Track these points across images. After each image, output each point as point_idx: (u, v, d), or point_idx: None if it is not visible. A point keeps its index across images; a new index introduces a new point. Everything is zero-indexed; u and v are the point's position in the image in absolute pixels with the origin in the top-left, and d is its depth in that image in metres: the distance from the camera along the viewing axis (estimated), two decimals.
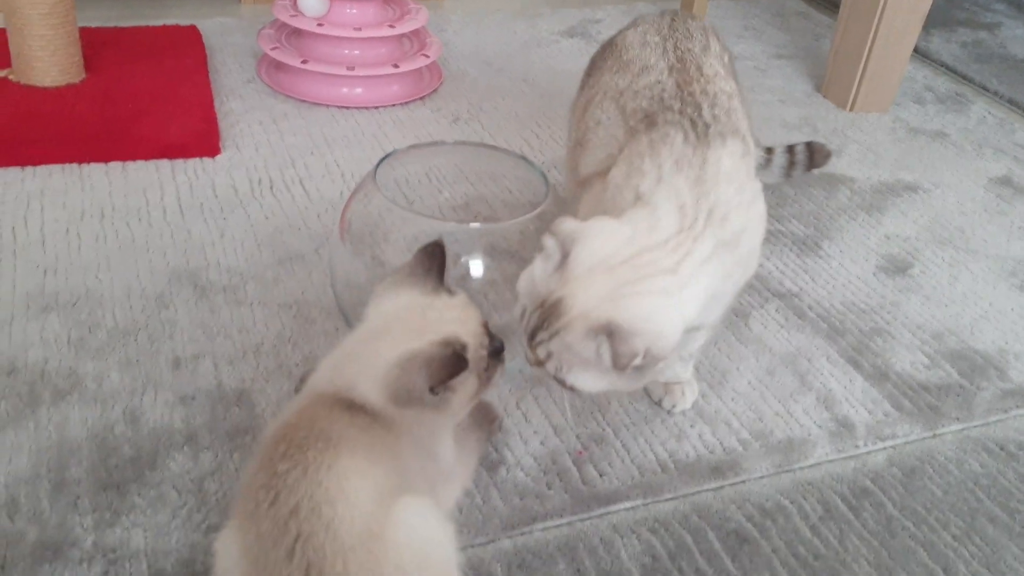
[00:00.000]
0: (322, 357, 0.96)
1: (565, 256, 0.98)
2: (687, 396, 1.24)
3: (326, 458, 0.81)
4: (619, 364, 0.92)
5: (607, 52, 1.32)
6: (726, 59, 1.27)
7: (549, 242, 0.99)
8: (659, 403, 1.25)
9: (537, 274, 1.00)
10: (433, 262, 0.98)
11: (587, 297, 0.95)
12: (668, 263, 0.98)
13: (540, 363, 0.99)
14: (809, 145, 1.63)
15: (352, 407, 0.88)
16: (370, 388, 0.89)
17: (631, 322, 0.93)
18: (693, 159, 1.05)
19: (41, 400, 1.15)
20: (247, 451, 1.11)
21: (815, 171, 1.64)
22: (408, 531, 0.81)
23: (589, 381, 0.97)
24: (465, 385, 0.93)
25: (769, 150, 1.65)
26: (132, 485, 1.05)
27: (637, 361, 0.92)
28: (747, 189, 1.08)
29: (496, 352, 0.97)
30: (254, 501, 0.81)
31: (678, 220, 1.01)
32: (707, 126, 1.08)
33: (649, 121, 1.12)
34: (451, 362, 0.89)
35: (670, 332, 0.95)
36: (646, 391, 1.26)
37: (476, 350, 0.94)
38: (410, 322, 0.93)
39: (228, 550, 0.82)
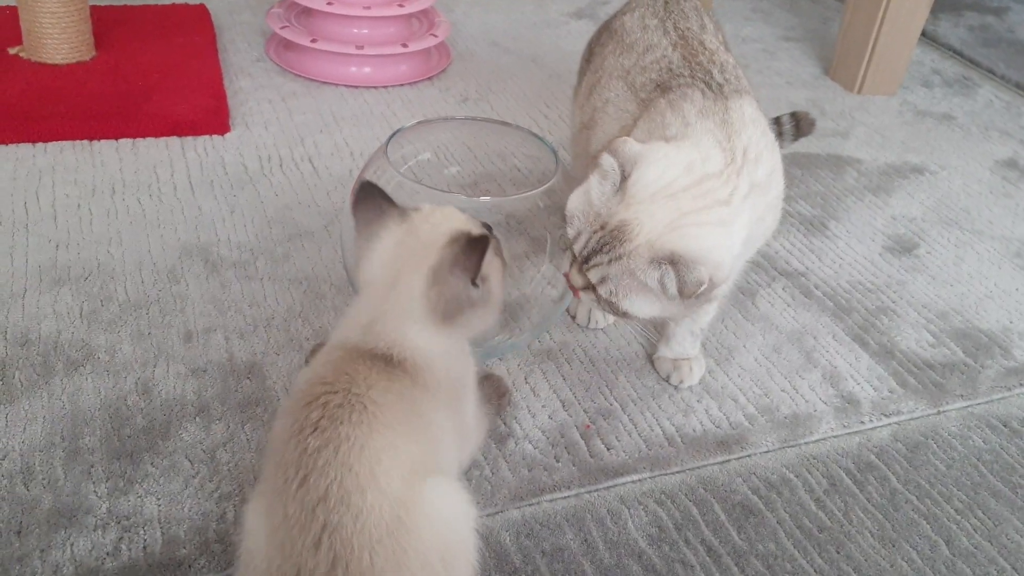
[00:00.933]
0: (334, 325, 0.96)
1: (625, 178, 0.98)
2: (694, 372, 1.25)
3: (359, 435, 0.80)
4: (686, 292, 0.94)
5: (606, 37, 1.32)
6: (721, 37, 1.29)
7: (608, 161, 0.99)
8: (667, 379, 1.26)
9: (594, 194, 1.00)
10: (376, 199, 0.95)
11: (653, 224, 0.96)
12: (723, 194, 1.01)
13: (590, 287, 1.01)
14: (794, 115, 1.63)
15: (390, 365, 0.87)
16: (415, 327, 0.88)
17: (696, 252, 0.95)
18: (715, 108, 1.07)
19: (55, 371, 1.17)
20: (259, 422, 1.12)
21: (801, 139, 1.64)
22: (435, 519, 0.80)
23: (643, 307, 0.99)
24: (494, 267, 0.94)
25: None
26: (145, 454, 1.07)
27: (702, 289, 0.95)
28: (769, 134, 1.10)
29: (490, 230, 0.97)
30: (283, 477, 0.79)
31: (722, 155, 1.03)
32: (720, 85, 1.10)
33: (663, 88, 1.13)
34: (476, 243, 0.88)
35: (728, 261, 0.99)
36: (653, 367, 1.27)
37: (481, 231, 0.94)
38: (412, 250, 0.91)
39: (256, 528, 0.81)
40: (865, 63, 2.15)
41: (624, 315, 1.01)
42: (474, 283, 0.89)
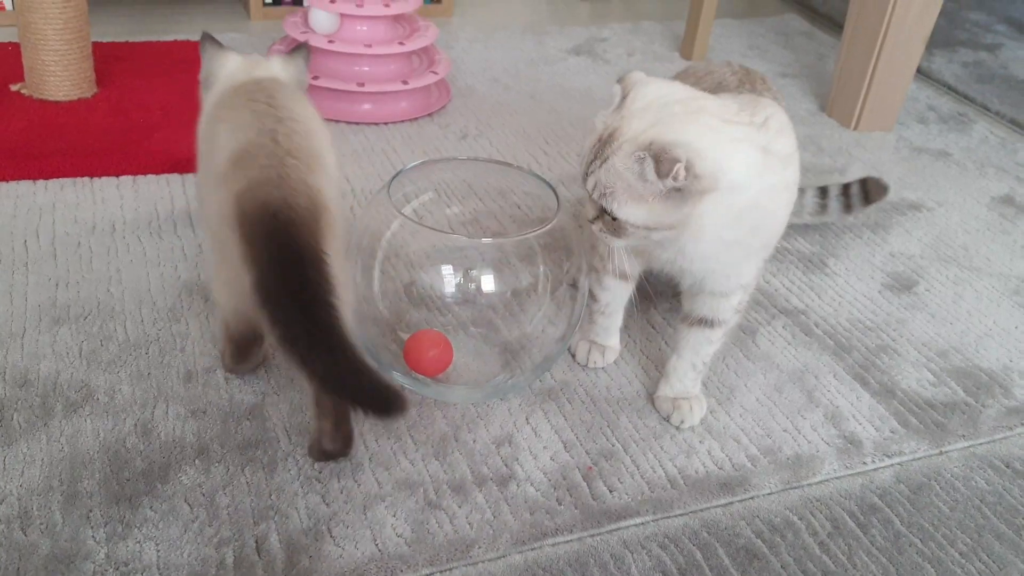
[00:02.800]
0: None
1: (624, 97, 1.05)
2: (695, 412, 1.25)
3: (288, 102, 1.17)
4: (661, 173, 0.98)
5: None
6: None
7: (615, 88, 1.07)
8: (667, 419, 1.25)
9: (599, 120, 1.07)
10: (212, 44, 1.30)
11: (640, 125, 1.02)
12: (722, 113, 1.05)
13: (597, 217, 1.07)
14: (863, 182, 1.70)
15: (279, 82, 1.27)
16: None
17: (673, 137, 1.00)
18: (747, 97, 1.15)
19: (54, 412, 1.16)
20: (258, 465, 1.11)
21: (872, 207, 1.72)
22: (320, 127, 1.19)
23: (633, 210, 1.02)
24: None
25: (823, 190, 1.70)
26: (144, 498, 1.06)
27: (679, 172, 0.98)
28: (792, 134, 1.16)
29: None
30: (252, 119, 1.12)
31: (738, 105, 1.09)
32: (759, 93, 1.20)
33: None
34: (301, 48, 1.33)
35: (712, 155, 1.00)
36: (654, 407, 1.27)
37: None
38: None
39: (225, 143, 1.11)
40: (861, 99, 2.16)
41: (620, 229, 1.05)
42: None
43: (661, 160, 0.97)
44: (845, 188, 1.71)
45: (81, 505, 1.04)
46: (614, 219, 1.04)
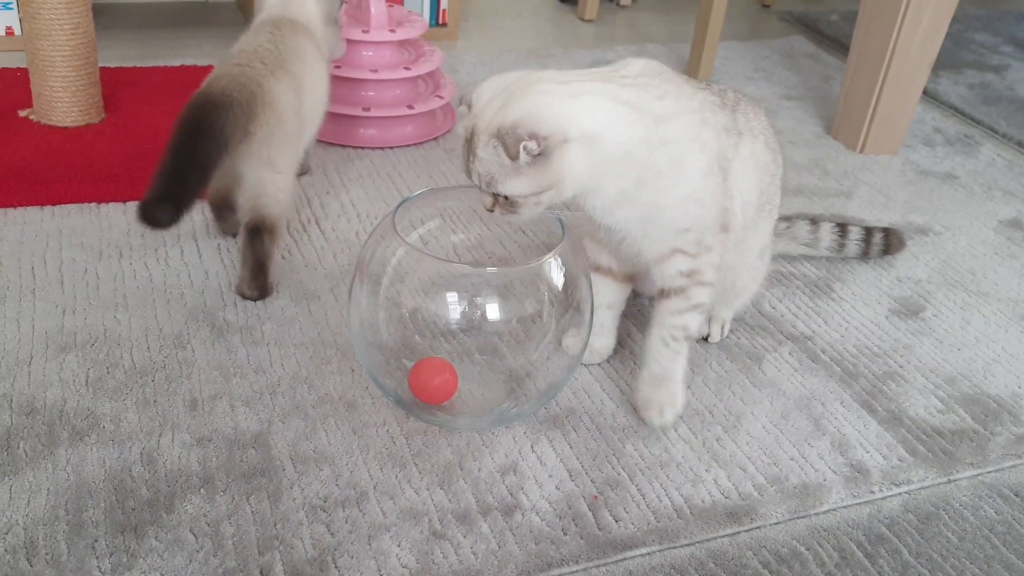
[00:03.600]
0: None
1: (469, 105, 1.15)
2: (665, 413, 1.27)
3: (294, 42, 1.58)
4: (510, 154, 1.07)
5: None
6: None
7: (461, 108, 1.17)
8: (640, 412, 1.29)
9: (459, 131, 1.17)
10: None
11: (488, 116, 1.11)
12: (558, 77, 1.14)
13: (480, 188, 1.15)
14: (887, 233, 1.72)
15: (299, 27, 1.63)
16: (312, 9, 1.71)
17: (513, 116, 1.08)
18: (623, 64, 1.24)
19: (60, 441, 1.16)
20: (263, 494, 1.11)
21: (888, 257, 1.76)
22: (321, 80, 1.66)
23: (515, 184, 1.11)
24: None
25: (843, 228, 1.70)
26: (149, 528, 1.06)
27: (527, 146, 1.07)
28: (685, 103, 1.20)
29: None
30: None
31: (595, 71, 1.21)
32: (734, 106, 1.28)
33: None
34: None
35: (550, 112, 1.09)
36: (633, 403, 1.30)
37: None
38: None
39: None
40: (867, 122, 2.17)
41: (513, 204, 1.13)
42: None
43: (507, 143, 1.07)
44: (867, 233, 1.71)
45: (86, 535, 1.04)
46: (505, 198, 1.13)
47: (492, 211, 1.17)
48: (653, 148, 1.15)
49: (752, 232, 1.34)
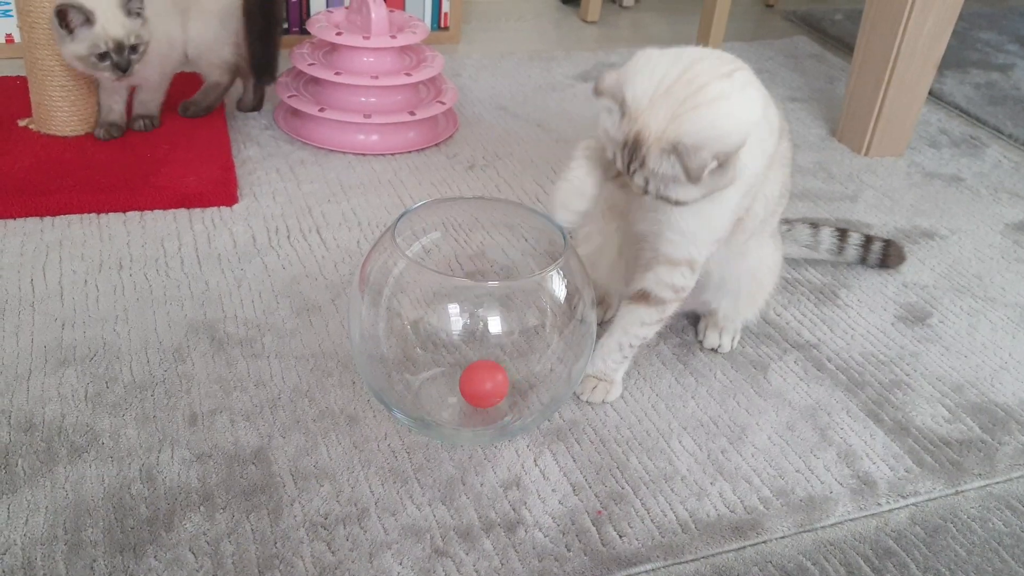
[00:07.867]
0: None
1: (623, 103, 1.08)
2: (597, 392, 1.30)
3: None
4: (692, 177, 1.04)
5: None
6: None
7: (603, 102, 1.10)
8: (577, 394, 1.31)
9: (609, 128, 1.11)
10: None
11: (656, 124, 1.05)
12: (723, 70, 1.09)
13: (647, 191, 1.11)
14: (887, 244, 1.70)
15: None
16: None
17: (694, 136, 1.03)
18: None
19: (58, 458, 1.15)
20: (263, 511, 1.10)
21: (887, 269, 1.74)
22: None
23: (686, 193, 1.08)
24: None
25: (843, 234, 1.69)
26: (148, 547, 1.05)
27: (710, 168, 1.04)
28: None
29: None
30: None
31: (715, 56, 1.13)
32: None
33: None
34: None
35: (734, 130, 1.06)
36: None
37: None
38: None
39: None
40: (872, 124, 2.15)
41: (679, 204, 1.11)
42: None
43: (690, 168, 1.03)
44: (867, 241, 1.69)
45: (85, 555, 1.03)
46: (670, 199, 1.10)
47: (645, 195, 1.13)
48: (751, 140, 1.12)
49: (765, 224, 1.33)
